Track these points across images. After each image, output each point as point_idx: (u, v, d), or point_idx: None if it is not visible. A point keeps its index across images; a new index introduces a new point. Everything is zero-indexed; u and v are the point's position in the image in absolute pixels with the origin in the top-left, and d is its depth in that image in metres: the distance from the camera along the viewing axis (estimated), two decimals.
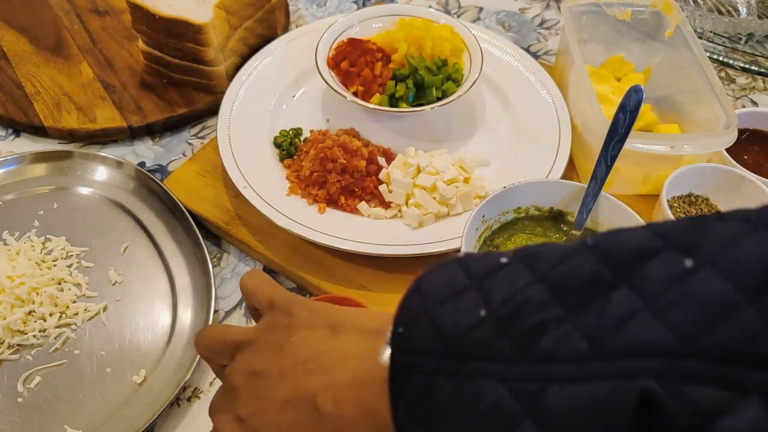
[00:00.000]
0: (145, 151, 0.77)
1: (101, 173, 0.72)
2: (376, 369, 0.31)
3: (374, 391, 0.31)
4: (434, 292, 0.30)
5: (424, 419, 0.28)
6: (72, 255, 0.65)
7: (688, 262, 0.25)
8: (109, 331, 0.60)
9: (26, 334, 0.59)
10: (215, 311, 0.62)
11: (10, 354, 0.58)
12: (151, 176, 0.70)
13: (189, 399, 0.58)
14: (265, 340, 0.37)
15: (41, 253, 0.64)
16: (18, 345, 0.59)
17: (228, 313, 0.63)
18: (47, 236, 0.66)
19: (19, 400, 0.56)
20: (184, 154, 0.77)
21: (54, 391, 0.56)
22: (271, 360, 0.36)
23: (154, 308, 0.62)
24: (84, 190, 0.71)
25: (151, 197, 0.69)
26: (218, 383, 0.59)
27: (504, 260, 0.29)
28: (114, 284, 0.63)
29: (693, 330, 0.23)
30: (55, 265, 0.64)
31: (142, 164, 0.76)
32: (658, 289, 0.25)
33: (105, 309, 0.62)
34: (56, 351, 0.59)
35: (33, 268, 0.62)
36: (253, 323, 0.62)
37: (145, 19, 0.75)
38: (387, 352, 0.30)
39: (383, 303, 0.61)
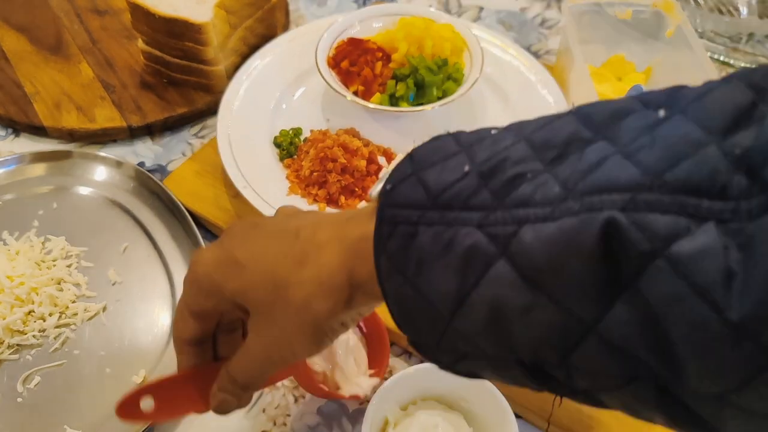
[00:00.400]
0: (145, 151, 0.77)
1: (101, 173, 0.72)
2: (358, 230, 0.33)
3: (354, 250, 0.33)
4: (425, 157, 0.31)
5: (404, 267, 0.30)
6: (71, 255, 0.65)
7: (661, 113, 0.27)
8: (109, 331, 0.60)
9: (26, 334, 0.59)
10: None
11: (9, 354, 0.58)
12: (151, 176, 0.69)
13: None
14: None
15: (41, 252, 0.64)
16: (17, 345, 0.59)
17: None
18: (47, 236, 0.66)
19: (19, 400, 0.56)
20: (183, 154, 0.77)
21: (53, 392, 0.56)
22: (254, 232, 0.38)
23: (154, 308, 0.62)
24: (83, 190, 0.71)
25: (150, 197, 0.69)
26: None
27: (494, 131, 0.31)
28: (113, 284, 0.63)
29: (658, 166, 0.24)
30: (54, 265, 0.63)
31: (141, 164, 0.76)
32: (630, 138, 0.26)
33: (104, 309, 0.62)
34: (56, 351, 0.59)
35: (32, 268, 0.62)
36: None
37: (145, 19, 0.75)
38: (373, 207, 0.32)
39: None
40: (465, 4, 0.98)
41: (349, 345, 0.52)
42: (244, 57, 0.81)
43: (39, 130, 0.77)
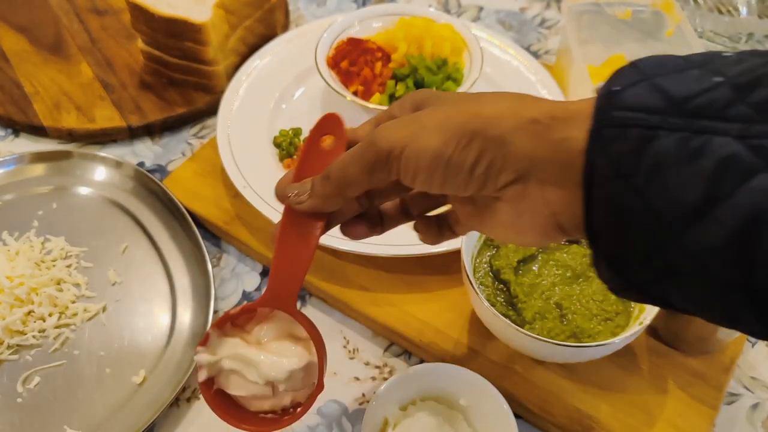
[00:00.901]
0: (145, 151, 0.77)
1: (100, 173, 0.72)
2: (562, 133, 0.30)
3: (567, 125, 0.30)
4: (653, 67, 0.29)
5: (632, 172, 0.27)
6: (71, 255, 0.65)
7: None
8: (109, 331, 0.60)
9: (26, 334, 0.59)
10: (215, 311, 0.61)
11: (9, 354, 0.58)
12: (151, 176, 0.69)
13: (188, 399, 0.57)
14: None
15: (40, 253, 0.64)
16: (17, 345, 0.59)
17: None
18: (46, 236, 0.66)
19: (19, 400, 0.56)
20: (183, 154, 0.77)
21: (53, 392, 0.56)
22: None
23: (154, 308, 0.62)
24: (83, 190, 0.71)
25: (150, 197, 0.69)
26: None
27: (727, 53, 0.29)
28: (113, 284, 0.63)
29: None
30: (54, 266, 0.63)
31: (141, 164, 0.76)
32: None
33: (104, 309, 0.62)
34: (55, 351, 0.59)
35: (32, 269, 0.62)
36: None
37: (145, 19, 0.75)
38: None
39: (383, 303, 0.61)
40: (464, 4, 0.98)
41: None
42: (244, 57, 0.81)
43: (39, 130, 0.77)
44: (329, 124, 0.42)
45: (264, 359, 0.43)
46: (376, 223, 0.42)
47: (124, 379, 0.57)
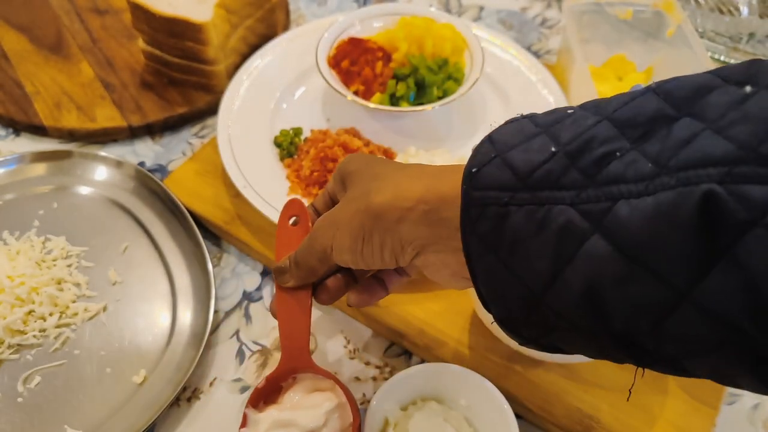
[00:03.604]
0: (145, 151, 0.77)
1: (101, 173, 0.72)
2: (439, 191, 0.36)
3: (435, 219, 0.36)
4: (505, 139, 0.32)
5: (497, 247, 0.31)
6: (72, 255, 0.65)
7: (747, 89, 0.27)
8: (109, 331, 0.60)
9: (26, 334, 0.59)
10: (215, 311, 0.61)
11: (10, 354, 0.58)
12: (151, 176, 0.70)
13: (189, 399, 0.58)
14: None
15: (41, 252, 0.64)
16: (18, 345, 0.59)
17: (228, 314, 0.63)
18: (47, 236, 0.66)
19: (19, 400, 0.56)
20: (184, 154, 0.77)
21: (54, 391, 0.56)
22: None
23: (154, 308, 0.62)
24: (84, 190, 0.71)
25: (151, 197, 0.69)
26: (218, 384, 0.59)
27: (570, 111, 0.32)
28: (114, 284, 0.63)
29: (752, 141, 0.25)
30: (55, 265, 0.63)
31: (142, 164, 0.76)
32: (718, 114, 0.27)
33: (105, 309, 0.62)
34: (56, 351, 0.59)
35: (33, 268, 0.62)
36: (253, 322, 0.62)
37: (145, 18, 0.75)
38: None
39: (384, 303, 0.61)
40: (465, 4, 0.98)
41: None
42: (245, 57, 0.81)
43: (39, 130, 0.77)
44: (293, 206, 0.51)
45: (300, 414, 0.49)
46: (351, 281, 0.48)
47: (124, 378, 0.57)
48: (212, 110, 0.79)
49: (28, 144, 0.78)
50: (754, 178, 0.24)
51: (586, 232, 0.28)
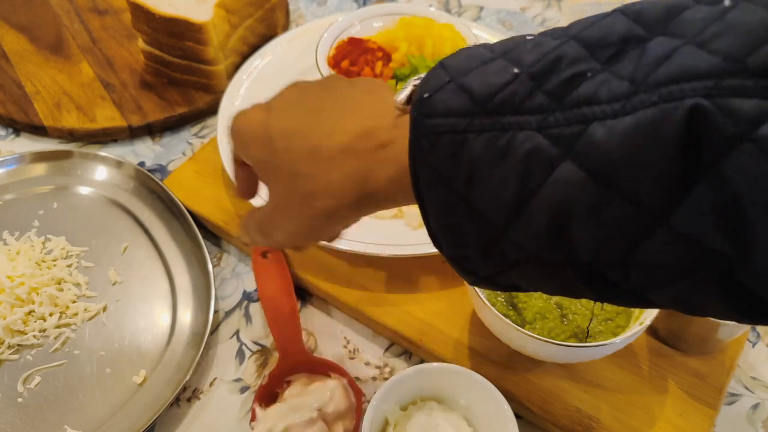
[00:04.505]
0: (145, 151, 0.77)
1: (101, 173, 0.72)
2: (377, 139, 0.33)
3: (373, 159, 0.33)
4: (458, 64, 0.30)
5: (451, 179, 0.28)
6: (72, 255, 0.65)
7: (726, 2, 0.26)
8: (109, 331, 0.60)
9: (26, 334, 0.59)
10: (215, 311, 0.61)
11: (10, 354, 0.58)
12: (151, 176, 0.70)
13: (189, 399, 0.58)
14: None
15: (41, 252, 0.64)
16: (18, 345, 0.59)
17: (228, 314, 0.63)
18: (47, 236, 0.66)
19: (19, 400, 0.56)
20: (184, 154, 0.77)
21: (54, 392, 0.56)
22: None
23: (154, 308, 0.62)
24: (84, 190, 0.71)
25: (150, 197, 0.69)
26: (218, 384, 0.59)
27: (529, 37, 0.30)
28: (114, 284, 0.63)
29: (739, 52, 0.24)
30: (55, 265, 0.63)
31: (142, 164, 0.76)
32: (698, 28, 0.25)
33: (105, 309, 0.62)
34: (56, 351, 0.59)
35: (33, 268, 0.62)
36: (254, 322, 0.62)
37: (146, 19, 0.75)
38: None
39: (383, 303, 0.61)
40: (465, 4, 0.98)
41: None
42: (245, 56, 0.81)
43: (39, 130, 0.77)
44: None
45: (307, 397, 0.52)
46: None
47: (124, 378, 0.57)
48: (212, 110, 0.79)
49: (28, 144, 0.78)
50: (743, 91, 0.23)
51: (556, 158, 0.26)
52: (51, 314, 0.60)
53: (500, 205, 0.28)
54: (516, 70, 0.28)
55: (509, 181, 0.27)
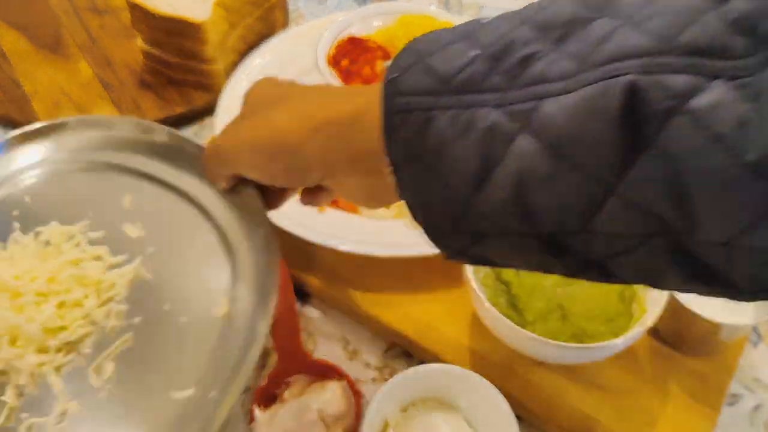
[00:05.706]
0: None
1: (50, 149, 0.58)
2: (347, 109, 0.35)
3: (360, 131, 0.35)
4: (422, 47, 0.32)
5: (421, 153, 0.31)
6: (73, 234, 0.53)
7: None
8: (158, 282, 0.50)
9: (68, 328, 0.48)
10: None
11: (63, 357, 0.48)
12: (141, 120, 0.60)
13: None
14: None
15: (37, 247, 0.53)
16: (65, 343, 0.48)
17: None
18: (36, 230, 0.54)
19: (102, 394, 0.46)
20: None
21: (137, 368, 0.46)
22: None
23: (192, 237, 0.51)
24: (50, 168, 0.58)
25: (154, 149, 0.59)
26: None
27: (484, 20, 0.33)
28: (137, 238, 0.52)
29: (668, 33, 0.26)
30: (61, 251, 0.52)
31: None
32: (633, 10, 0.28)
33: (141, 265, 0.51)
34: (113, 330, 0.48)
35: (39, 262, 0.51)
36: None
37: (144, 18, 0.75)
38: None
39: (383, 303, 0.60)
40: (465, 3, 0.97)
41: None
42: (244, 56, 0.80)
43: None
44: None
45: (308, 397, 0.52)
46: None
47: (205, 319, 0.47)
48: (211, 109, 0.79)
49: None
50: (674, 67, 0.25)
51: (514, 132, 0.28)
52: (86, 296, 0.50)
53: (465, 178, 0.30)
54: (474, 53, 0.30)
55: (472, 155, 0.29)
